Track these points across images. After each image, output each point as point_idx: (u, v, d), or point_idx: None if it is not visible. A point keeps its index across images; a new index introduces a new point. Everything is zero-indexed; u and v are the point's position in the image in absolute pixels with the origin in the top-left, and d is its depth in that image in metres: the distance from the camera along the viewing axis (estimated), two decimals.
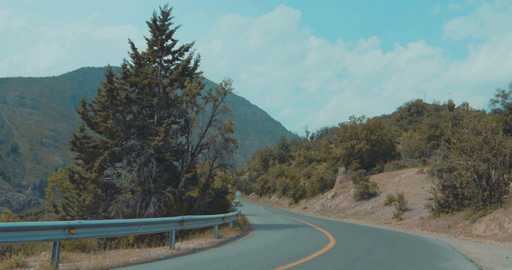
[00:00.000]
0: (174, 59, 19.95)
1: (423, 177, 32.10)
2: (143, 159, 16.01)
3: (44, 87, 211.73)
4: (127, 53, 19.15)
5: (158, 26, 19.31)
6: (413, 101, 79.77)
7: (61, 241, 6.81)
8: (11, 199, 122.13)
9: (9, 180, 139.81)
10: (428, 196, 20.13)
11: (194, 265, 7.01)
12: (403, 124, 73.79)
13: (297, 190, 51.56)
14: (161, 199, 15.96)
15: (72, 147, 16.21)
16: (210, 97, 18.91)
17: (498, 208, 14.66)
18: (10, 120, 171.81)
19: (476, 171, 16.03)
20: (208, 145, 18.47)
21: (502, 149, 15.75)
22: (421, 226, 18.32)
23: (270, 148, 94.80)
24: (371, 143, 45.43)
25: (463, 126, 17.75)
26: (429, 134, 48.24)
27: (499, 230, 13.25)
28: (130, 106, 17.46)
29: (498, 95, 37.84)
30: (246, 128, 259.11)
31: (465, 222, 15.78)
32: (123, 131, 16.58)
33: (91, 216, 15.82)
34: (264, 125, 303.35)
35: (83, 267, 6.90)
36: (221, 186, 29.31)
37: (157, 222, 9.61)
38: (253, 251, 9.08)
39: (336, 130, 54.83)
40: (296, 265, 6.86)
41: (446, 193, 18.05)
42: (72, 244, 9.85)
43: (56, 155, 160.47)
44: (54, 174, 32.22)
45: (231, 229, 15.62)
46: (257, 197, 72.35)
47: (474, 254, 8.57)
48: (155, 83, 17.31)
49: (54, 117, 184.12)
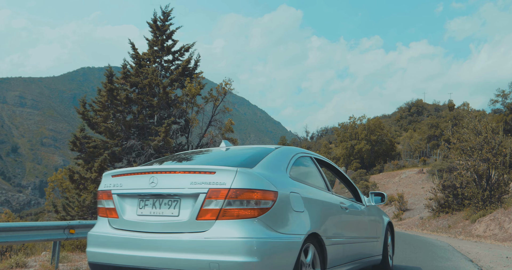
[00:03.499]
0: (174, 59, 19.96)
1: (423, 177, 32.12)
2: (143, 159, 16.02)
3: (44, 87, 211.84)
4: (128, 53, 19.16)
5: (159, 26, 19.32)
6: (413, 101, 79.90)
7: (61, 241, 6.82)
8: (11, 199, 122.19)
9: (9, 180, 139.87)
10: (428, 196, 20.14)
11: None
12: (403, 124, 73.84)
13: None
14: None
15: (72, 147, 16.22)
16: (210, 97, 18.92)
17: (498, 208, 14.67)
18: (10, 120, 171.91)
19: (476, 171, 16.04)
20: (208, 145, 18.48)
21: (502, 149, 15.76)
22: (421, 226, 18.33)
23: None
24: (371, 143, 45.47)
25: (463, 126, 17.76)
26: (429, 134, 48.27)
27: (499, 230, 13.25)
28: (130, 106, 17.47)
29: (498, 95, 37.91)
30: (246, 128, 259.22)
31: (465, 222, 15.79)
32: (123, 131, 16.59)
33: (91, 216, 15.83)
34: (264, 125, 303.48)
35: (83, 267, 6.90)
36: None
37: None
38: None
39: (336, 130, 54.88)
40: None
41: (446, 193, 18.06)
42: (72, 244, 9.85)
43: (56, 155, 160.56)
44: (54, 174, 32.26)
45: None
46: None
47: (474, 254, 8.57)
48: (155, 83, 17.32)
49: (54, 117, 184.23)
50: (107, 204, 3.06)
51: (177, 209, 2.70)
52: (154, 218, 2.76)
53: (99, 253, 2.92)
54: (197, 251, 2.50)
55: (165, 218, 2.72)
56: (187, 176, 2.70)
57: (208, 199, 2.58)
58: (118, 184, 3.01)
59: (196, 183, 2.63)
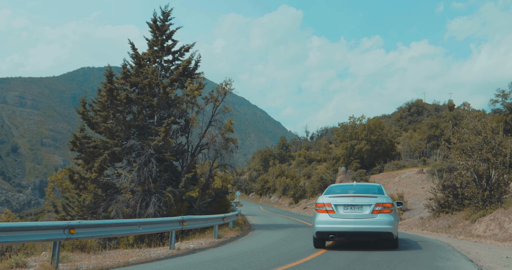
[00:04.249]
0: (174, 59, 19.96)
1: (423, 177, 32.11)
2: (143, 159, 16.02)
3: (44, 87, 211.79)
4: (128, 53, 19.17)
5: (159, 26, 19.32)
6: (413, 101, 79.92)
7: (61, 241, 6.81)
8: (11, 199, 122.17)
9: (9, 180, 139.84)
10: (428, 196, 20.14)
11: (194, 265, 7.01)
12: (403, 124, 73.82)
13: (297, 190, 51.56)
14: (161, 199, 15.96)
15: (72, 147, 16.22)
16: (210, 97, 18.93)
17: (498, 208, 14.66)
18: (10, 120, 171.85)
19: (476, 171, 16.03)
20: (208, 145, 18.48)
21: (502, 149, 15.75)
22: (421, 226, 18.32)
23: (270, 148, 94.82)
24: (371, 143, 45.47)
25: (463, 126, 17.75)
26: (429, 134, 48.26)
27: (499, 230, 13.25)
28: (130, 106, 17.47)
29: (498, 95, 37.87)
30: (246, 128, 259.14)
31: (465, 222, 15.78)
32: (123, 131, 16.58)
33: (91, 216, 15.82)
34: (264, 125, 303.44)
35: (83, 267, 6.90)
36: (221, 186, 29.29)
37: (157, 222, 9.61)
38: (253, 251, 9.09)
39: (336, 130, 54.89)
40: (296, 265, 6.86)
41: (446, 193, 18.05)
42: (72, 244, 9.85)
43: (56, 155, 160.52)
44: (54, 174, 32.25)
45: (231, 229, 15.62)
46: (257, 197, 72.34)
47: (474, 254, 8.57)
48: (155, 83, 17.31)
49: (54, 117, 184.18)
50: (328, 208, 8.32)
51: (361, 210, 8.17)
52: (351, 213, 8.20)
53: (324, 227, 8.26)
54: (372, 224, 8.06)
55: (357, 213, 8.18)
56: (366, 198, 8.30)
57: (375, 206, 8.12)
58: (333, 200, 8.40)
59: (370, 200, 8.24)
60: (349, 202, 8.23)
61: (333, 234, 8.32)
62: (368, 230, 8.10)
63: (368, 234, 8.24)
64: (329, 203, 8.33)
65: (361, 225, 8.09)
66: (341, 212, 8.20)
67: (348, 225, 8.11)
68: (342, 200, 8.30)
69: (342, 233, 8.25)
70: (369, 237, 8.42)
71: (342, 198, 8.35)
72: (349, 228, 8.12)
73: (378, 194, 8.60)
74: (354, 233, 8.24)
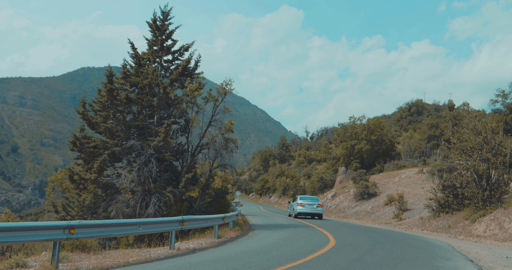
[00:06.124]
0: (174, 59, 19.94)
1: (423, 177, 32.10)
2: (143, 159, 16.01)
3: (44, 87, 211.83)
4: (127, 53, 19.15)
5: (158, 26, 19.31)
6: (413, 101, 79.82)
7: (61, 241, 6.81)
8: (11, 199, 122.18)
9: (9, 180, 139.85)
10: (428, 196, 20.13)
11: (194, 265, 7.01)
12: (403, 124, 73.80)
13: (297, 190, 51.55)
14: (161, 199, 15.96)
15: (72, 147, 16.20)
16: (210, 97, 18.91)
17: (498, 208, 14.67)
18: (10, 120, 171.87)
19: (476, 171, 16.03)
20: (208, 145, 18.47)
21: (502, 149, 15.75)
22: (421, 226, 18.32)
23: (270, 148, 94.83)
24: (371, 143, 45.44)
25: (463, 126, 17.75)
26: (429, 134, 48.24)
27: (499, 230, 13.25)
28: (130, 106, 17.46)
29: (498, 95, 37.85)
30: (246, 128, 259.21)
31: (465, 222, 15.78)
32: (123, 131, 16.58)
33: (91, 216, 15.82)
34: (264, 125, 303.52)
35: (83, 267, 6.90)
36: (221, 186, 29.27)
37: (157, 222, 9.61)
38: (253, 251, 9.08)
39: (336, 130, 54.86)
40: (296, 265, 6.86)
41: (446, 193, 18.05)
42: (72, 244, 9.86)
43: (56, 155, 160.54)
44: (54, 174, 32.25)
45: (231, 229, 15.62)
46: (257, 197, 72.34)
47: (474, 254, 8.57)
48: (155, 83, 17.31)
49: (54, 117, 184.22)
50: (300, 204, 24.44)
51: (315, 205, 24.27)
52: (310, 206, 24.27)
53: (300, 211, 24.29)
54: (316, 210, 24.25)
55: (312, 207, 24.25)
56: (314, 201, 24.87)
57: (318, 205, 24.44)
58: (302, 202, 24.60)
59: (318, 202, 24.80)
60: (309, 202, 24.29)
61: (302, 214, 24.17)
62: (315, 212, 24.03)
63: (314, 214, 24.07)
64: (301, 202, 24.25)
65: (312, 211, 23.97)
66: (306, 206, 24.06)
67: (308, 211, 23.99)
68: (306, 202, 24.33)
69: (306, 213, 24.01)
70: (314, 216, 24.25)
71: (306, 200, 24.59)
72: (308, 212, 23.98)
73: (318, 201, 24.86)
74: (310, 213, 24.03)
